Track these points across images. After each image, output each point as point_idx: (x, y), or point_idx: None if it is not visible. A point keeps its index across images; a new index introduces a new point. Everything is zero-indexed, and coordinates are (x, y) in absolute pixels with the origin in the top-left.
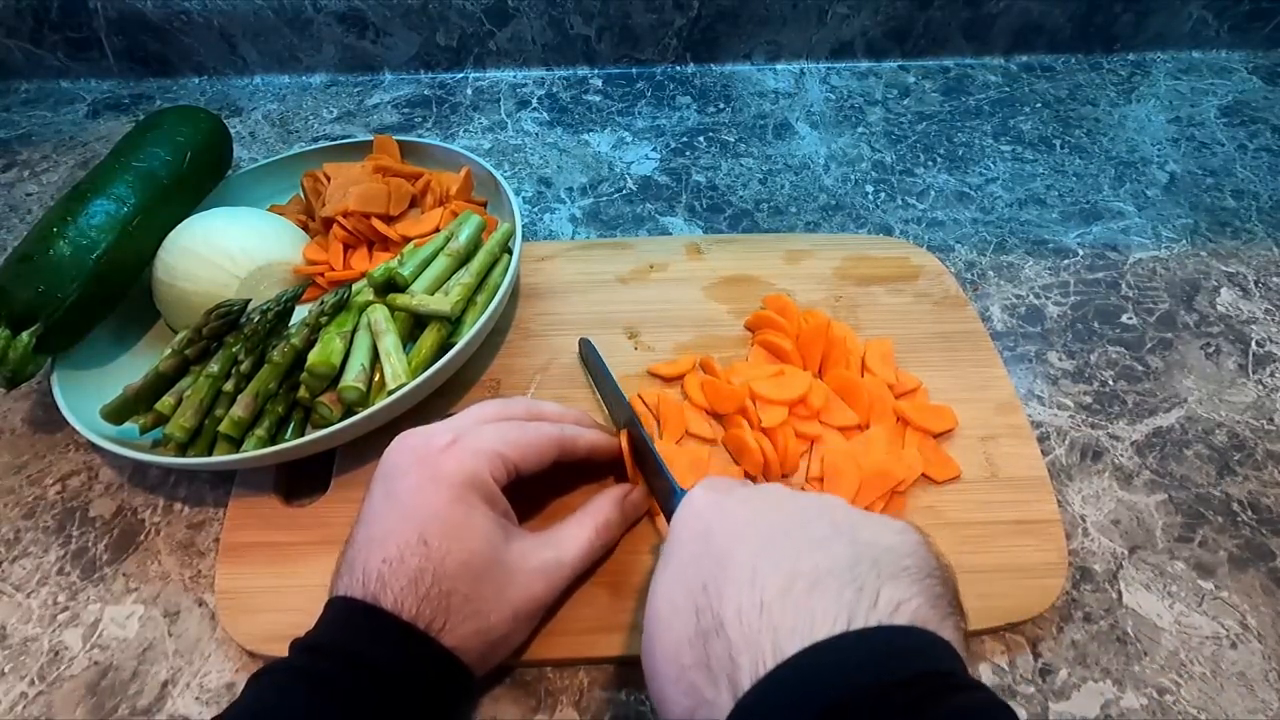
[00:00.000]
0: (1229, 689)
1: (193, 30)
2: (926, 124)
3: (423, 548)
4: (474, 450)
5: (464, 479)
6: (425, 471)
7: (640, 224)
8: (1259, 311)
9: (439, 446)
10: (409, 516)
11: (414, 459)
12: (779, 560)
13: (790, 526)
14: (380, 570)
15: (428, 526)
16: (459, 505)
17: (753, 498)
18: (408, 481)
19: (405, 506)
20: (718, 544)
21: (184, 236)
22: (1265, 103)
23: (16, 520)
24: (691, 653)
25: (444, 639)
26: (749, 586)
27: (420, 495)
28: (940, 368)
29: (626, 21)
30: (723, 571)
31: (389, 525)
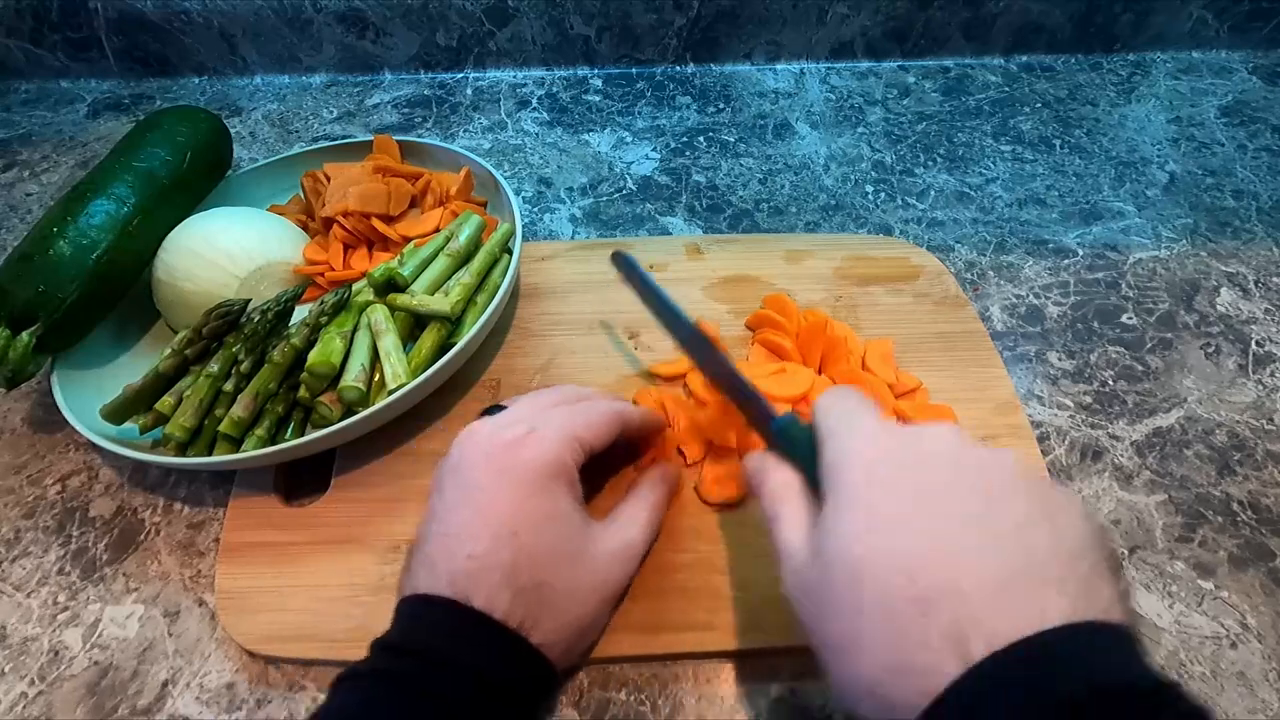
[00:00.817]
0: (1229, 689)
1: (193, 30)
2: (926, 124)
3: (513, 540)
4: (553, 437)
5: (547, 467)
6: (504, 462)
7: (640, 224)
8: (1259, 311)
9: (515, 437)
10: (493, 509)
11: (489, 451)
12: (991, 537)
13: (988, 497)
14: (467, 567)
15: (516, 518)
16: (544, 495)
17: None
18: (487, 474)
19: (488, 500)
20: (915, 503)
21: (184, 236)
22: (1265, 103)
23: (16, 520)
24: (903, 616)
25: (532, 637)
26: (968, 556)
27: (504, 487)
28: (940, 368)
29: (626, 21)
30: (932, 537)
31: (472, 520)
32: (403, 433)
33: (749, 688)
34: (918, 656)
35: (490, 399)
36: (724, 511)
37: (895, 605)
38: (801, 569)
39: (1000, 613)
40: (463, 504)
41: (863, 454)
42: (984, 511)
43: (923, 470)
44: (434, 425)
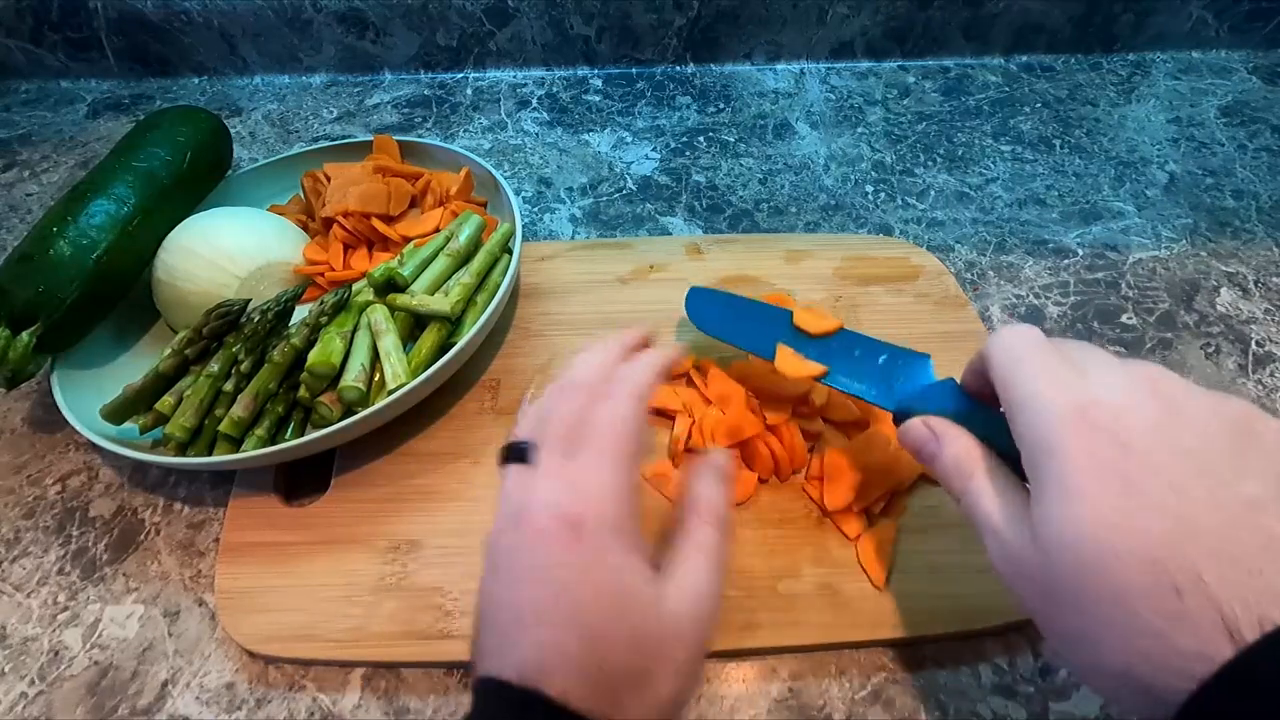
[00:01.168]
0: None
1: (193, 30)
2: (926, 124)
3: (580, 624)
4: (611, 492)
5: (611, 533)
6: (569, 534)
7: (640, 224)
8: (1259, 311)
9: (567, 514)
10: (562, 591)
11: (543, 530)
12: (1237, 508)
13: (1223, 459)
14: (534, 656)
15: (584, 601)
16: (607, 567)
17: (1153, 414)
18: (551, 548)
19: (555, 579)
20: (1146, 477)
21: (184, 236)
22: (1265, 103)
23: (16, 520)
24: (1154, 602)
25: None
26: (1216, 533)
27: (570, 565)
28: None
29: (626, 21)
30: (1173, 516)
31: (540, 601)
32: (403, 433)
33: (749, 688)
34: (1178, 642)
35: (490, 399)
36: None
37: (1143, 593)
38: (1018, 554)
39: (1264, 591)
40: (531, 581)
41: (1074, 426)
42: (1222, 477)
43: (1147, 436)
44: (434, 425)
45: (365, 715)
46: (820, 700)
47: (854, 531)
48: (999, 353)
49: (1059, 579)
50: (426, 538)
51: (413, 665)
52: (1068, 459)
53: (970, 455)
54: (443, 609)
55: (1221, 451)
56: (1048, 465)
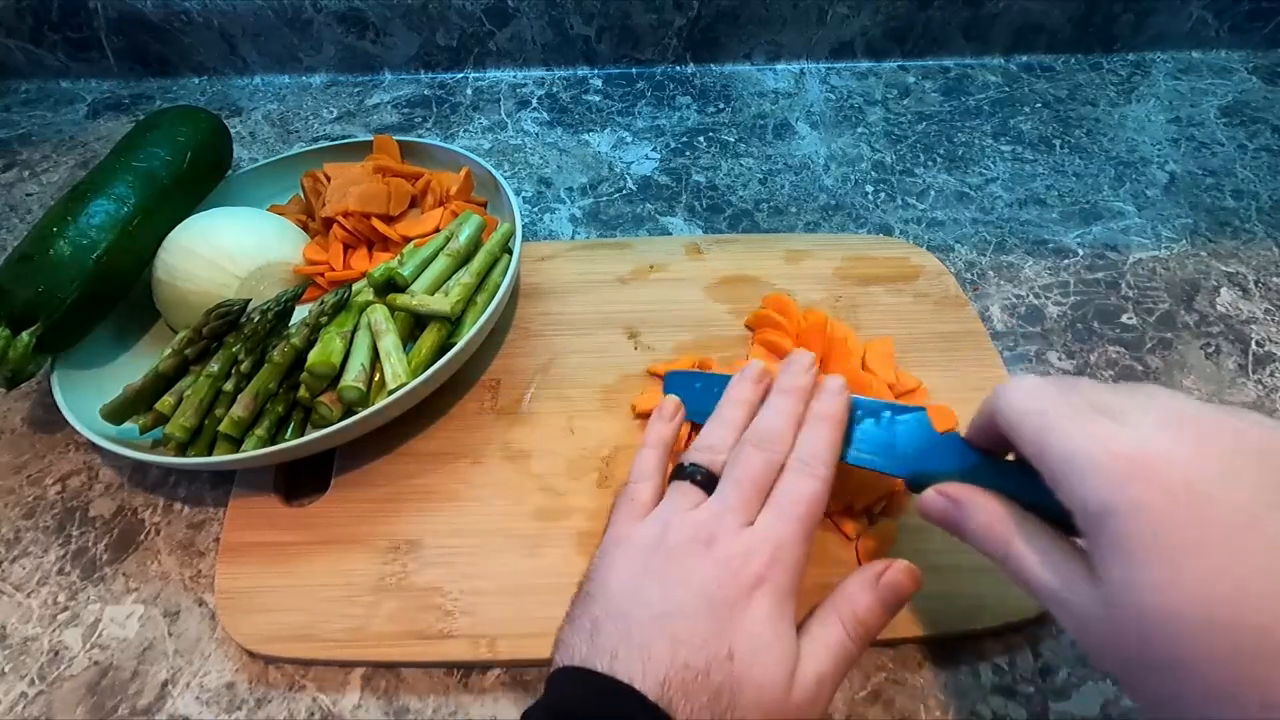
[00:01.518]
0: None
1: (193, 30)
2: (926, 124)
3: (728, 664)
4: (794, 565)
5: (782, 600)
6: (751, 584)
7: (640, 224)
8: (1259, 311)
9: (753, 573)
10: (719, 622)
11: (744, 566)
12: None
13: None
14: (682, 677)
15: (739, 639)
16: (766, 622)
17: (1205, 456)
18: (732, 591)
19: (723, 618)
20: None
21: (184, 236)
22: (1265, 103)
23: (16, 520)
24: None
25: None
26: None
27: (742, 612)
28: (940, 368)
29: (626, 21)
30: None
31: (695, 626)
32: (403, 433)
33: None
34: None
35: (490, 399)
36: None
37: (1231, 657)
38: (1090, 619)
39: None
40: (690, 610)
41: (1127, 481)
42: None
43: (1206, 483)
44: (434, 425)
45: (365, 715)
46: None
47: (854, 531)
48: (1015, 416)
49: (1151, 646)
50: (426, 538)
51: (413, 665)
52: (1134, 518)
53: (1001, 520)
54: (443, 609)
55: (1268, 484)
56: (1111, 525)
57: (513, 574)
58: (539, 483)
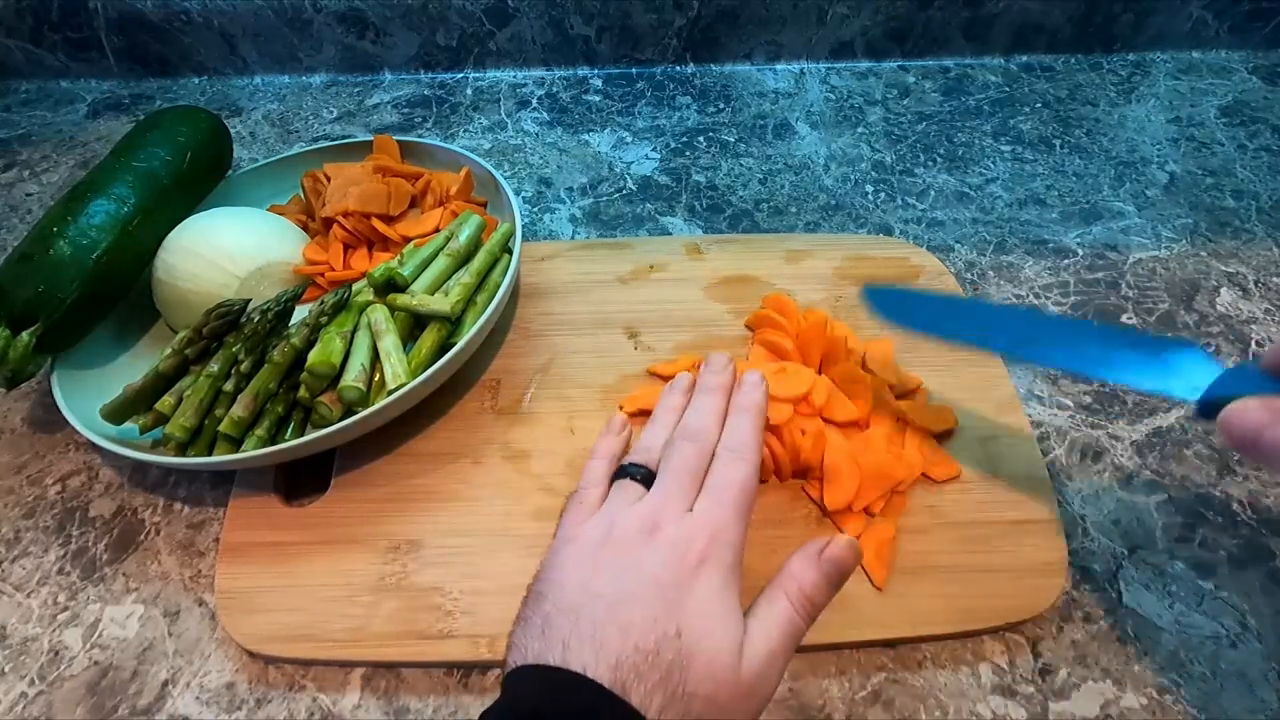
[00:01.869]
0: (1229, 689)
1: (193, 30)
2: (926, 124)
3: (677, 641)
4: (734, 544)
5: (725, 577)
6: (695, 564)
7: (640, 224)
8: (1259, 311)
9: (696, 554)
10: (667, 603)
11: (685, 547)
12: None
13: None
14: (636, 662)
15: (686, 617)
16: (717, 610)
17: None
18: (676, 572)
19: (670, 599)
20: None
21: (184, 236)
22: (1265, 103)
23: (16, 520)
24: None
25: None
26: None
27: (687, 591)
28: (940, 368)
29: (626, 21)
30: None
31: (645, 610)
32: (403, 433)
33: None
34: None
35: (490, 399)
36: None
37: None
38: None
39: None
40: (639, 596)
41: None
42: None
43: None
44: (434, 425)
45: (365, 715)
46: (820, 700)
47: (854, 531)
48: None
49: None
50: (426, 538)
51: (413, 665)
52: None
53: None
54: (443, 609)
55: None
56: None
57: (513, 574)
58: (539, 483)
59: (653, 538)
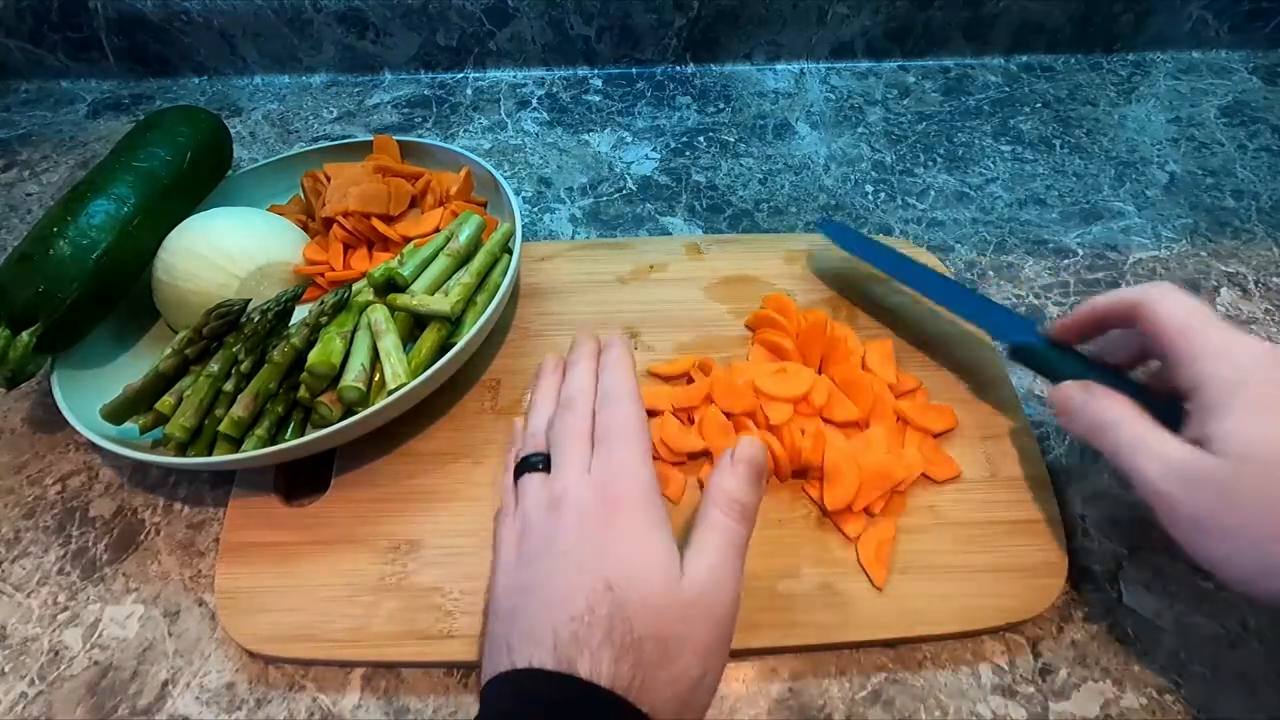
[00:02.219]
0: (1229, 689)
1: (193, 30)
2: (926, 124)
3: (609, 594)
4: (642, 478)
5: (643, 510)
6: (607, 512)
7: (640, 224)
8: (1259, 311)
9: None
10: (587, 563)
11: (592, 501)
12: None
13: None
14: (573, 630)
15: (610, 566)
16: (641, 540)
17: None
18: (589, 527)
19: (590, 553)
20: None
21: (184, 236)
22: (1265, 103)
23: (16, 520)
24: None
25: (641, 702)
26: None
27: (605, 539)
28: (940, 368)
29: (626, 21)
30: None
31: (567, 580)
32: (403, 433)
33: (749, 688)
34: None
35: (490, 399)
36: None
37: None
38: (1190, 466)
39: None
40: (559, 569)
41: (1265, 364)
42: None
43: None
44: (434, 425)
45: (365, 715)
46: (820, 700)
47: (854, 531)
48: (1178, 313)
49: (1243, 480)
50: (426, 538)
51: (413, 665)
52: (1262, 387)
53: (1122, 397)
54: (443, 609)
55: None
56: (1241, 393)
57: None
58: None
59: (559, 510)
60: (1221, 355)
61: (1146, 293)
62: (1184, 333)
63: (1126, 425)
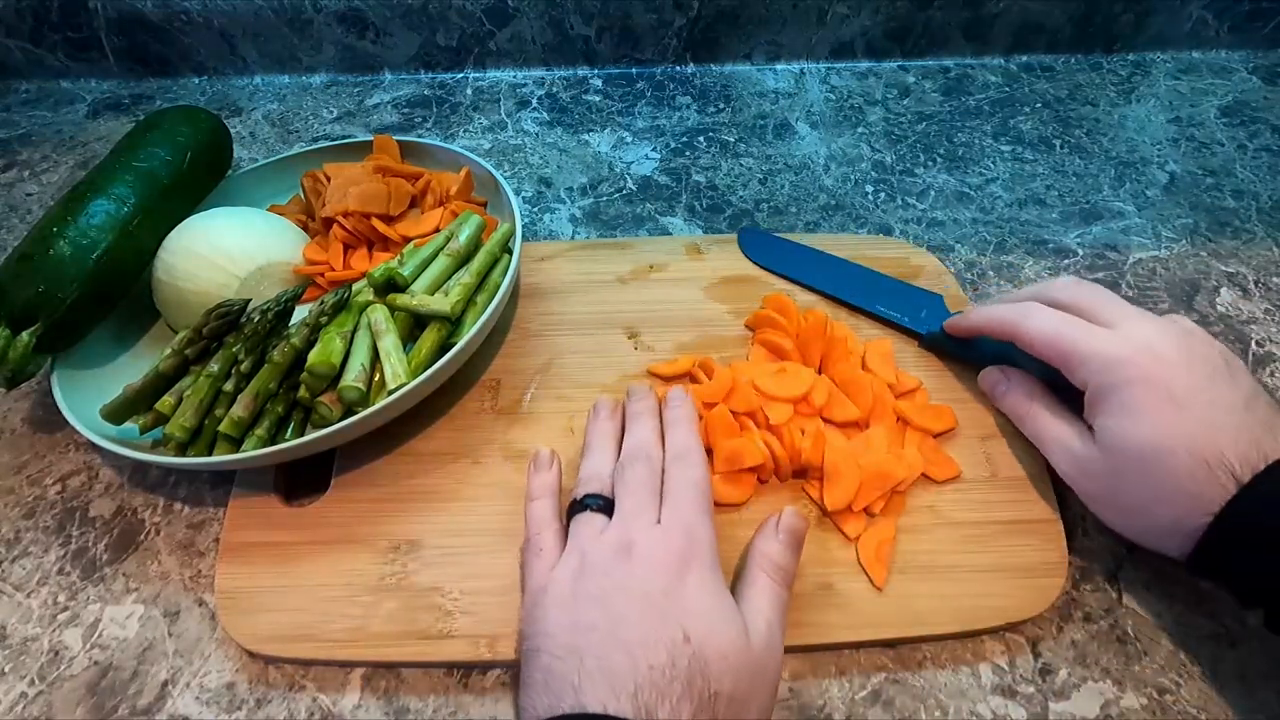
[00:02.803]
0: (1229, 689)
1: (193, 30)
2: (926, 124)
3: (688, 647)
4: (708, 540)
5: (711, 571)
6: (680, 568)
7: (640, 224)
8: (1259, 311)
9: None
10: (668, 613)
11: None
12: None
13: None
14: (654, 680)
15: (688, 619)
16: (713, 601)
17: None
18: (664, 579)
19: (667, 608)
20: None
21: (184, 236)
22: (1265, 103)
23: (16, 520)
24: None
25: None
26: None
27: (682, 595)
28: (940, 368)
29: (626, 21)
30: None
31: (648, 627)
32: (403, 433)
33: None
34: (1206, 493)
35: (490, 399)
36: (724, 512)
37: (1187, 471)
38: (1084, 457)
39: (1247, 452)
40: (637, 615)
41: (1131, 368)
42: (1226, 390)
43: (1179, 370)
44: (434, 425)
45: (365, 715)
46: (820, 700)
47: (854, 531)
48: (1046, 330)
49: (1123, 469)
50: (426, 538)
51: (413, 665)
52: (1130, 390)
53: (1033, 393)
54: (443, 609)
55: (1220, 369)
56: (1116, 395)
57: (513, 574)
58: None
59: (631, 555)
60: (1091, 363)
61: (1017, 314)
62: (1054, 346)
63: (1039, 417)
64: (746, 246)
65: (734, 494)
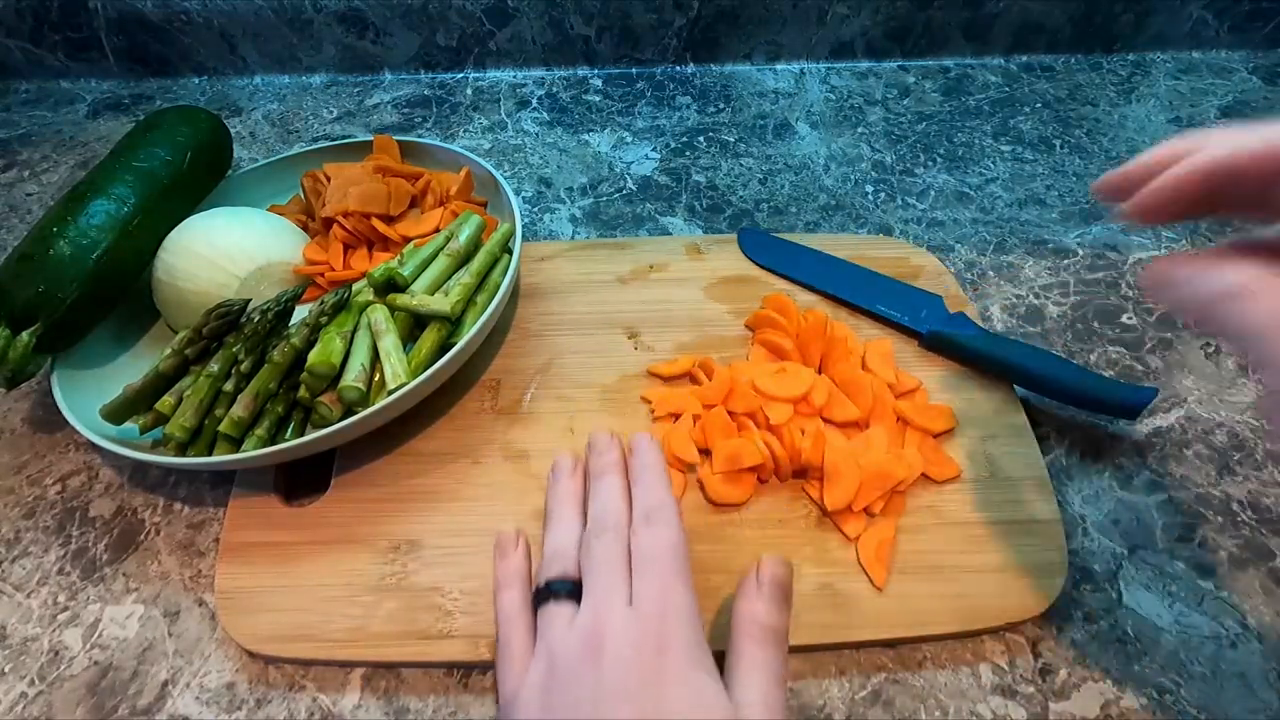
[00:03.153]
0: (1229, 689)
1: (193, 30)
2: (926, 124)
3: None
4: (687, 614)
5: (691, 650)
6: (656, 658)
7: (640, 224)
8: None
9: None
10: (645, 706)
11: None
12: None
13: None
14: None
15: (668, 712)
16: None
17: None
18: (639, 673)
19: (646, 703)
20: None
21: (184, 236)
22: (1265, 103)
23: (16, 520)
24: None
25: None
26: None
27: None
28: (940, 368)
29: (626, 21)
30: None
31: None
32: (403, 433)
33: None
34: None
35: (490, 399)
36: (724, 512)
37: None
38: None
39: None
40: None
41: None
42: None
43: None
44: (434, 425)
45: (365, 715)
46: (820, 700)
47: (854, 531)
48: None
49: None
50: (426, 538)
51: (413, 665)
52: None
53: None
54: (443, 609)
55: None
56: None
57: None
58: (539, 483)
59: (601, 654)
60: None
61: (1193, 142)
62: None
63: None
64: (746, 246)
65: (734, 494)
